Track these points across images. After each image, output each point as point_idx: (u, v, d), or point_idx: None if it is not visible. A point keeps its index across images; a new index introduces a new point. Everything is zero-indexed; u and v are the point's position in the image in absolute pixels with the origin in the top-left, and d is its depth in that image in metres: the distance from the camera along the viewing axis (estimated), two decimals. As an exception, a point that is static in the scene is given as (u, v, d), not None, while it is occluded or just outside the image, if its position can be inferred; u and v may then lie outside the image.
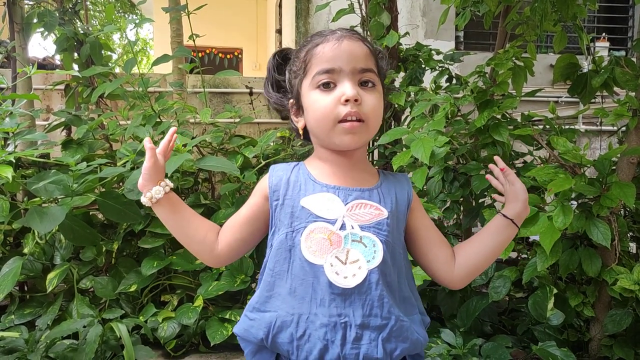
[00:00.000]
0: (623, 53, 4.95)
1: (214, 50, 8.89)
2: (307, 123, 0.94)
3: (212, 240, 0.98)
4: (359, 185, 0.92)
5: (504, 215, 0.95)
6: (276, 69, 1.00)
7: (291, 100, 0.97)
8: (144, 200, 0.95)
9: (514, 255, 2.26)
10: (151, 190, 0.94)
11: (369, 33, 2.59)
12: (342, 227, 0.88)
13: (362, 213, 0.89)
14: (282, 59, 1.00)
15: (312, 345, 0.84)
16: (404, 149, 2.01)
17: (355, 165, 0.94)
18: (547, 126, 2.27)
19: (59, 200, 2.02)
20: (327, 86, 0.88)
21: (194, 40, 2.60)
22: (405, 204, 0.95)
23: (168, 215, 0.97)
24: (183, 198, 2.47)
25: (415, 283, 0.97)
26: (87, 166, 2.02)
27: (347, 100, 0.86)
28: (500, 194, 1.00)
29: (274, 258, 0.90)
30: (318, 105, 0.89)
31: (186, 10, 2.62)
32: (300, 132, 0.97)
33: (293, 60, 0.96)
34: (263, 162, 2.34)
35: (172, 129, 0.97)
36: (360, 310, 0.84)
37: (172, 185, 0.97)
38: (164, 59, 2.56)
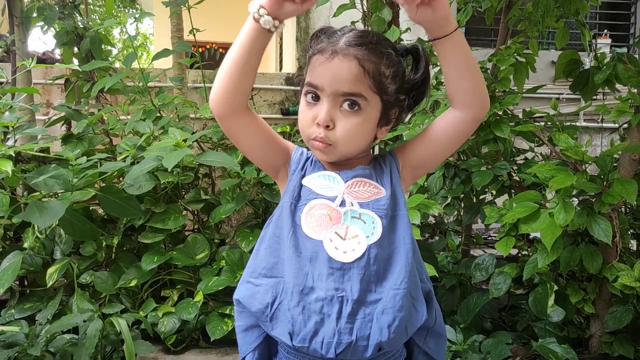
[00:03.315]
0: (625, 50, 4.94)
1: (214, 45, 8.85)
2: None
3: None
4: (359, 164, 0.94)
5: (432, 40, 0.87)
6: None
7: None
8: (252, 9, 0.83)
9: (514, 252, 2.26)
10: (262, 15, 0.82)
11: (369, 29, 2.58)
12: (342, 203, 0.89)
13: (362, 191, 0.91)
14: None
15: (306, 318, 0.85)
16: (405, 145, 2.00)
17: (353, 164, 0.96)
18: (549, 123, 2.27)
19: (59, 194, 2.02)
20: (314, 99, 0.88)
21: (194, 35, 2.59)
22: (396, 171, 0.96)
23: (254, 42, 0.85)
24: (183, 193, 2.46)
25: (420, 254, 0.97)
26: (87, 161, 2.01)
27: (319, 124, 0.87)
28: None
29: (278, 225, 0.91)
30: (301, 116, 0.91)
31: (187, 5, 2.60)
32: None
33: (305, 53, 0.95)
34: (263, 158, 2.33)
35: None
36: (357, 285, 0.84)
37: (278, 27, 0.84)
38: (164, 53, 2.55)
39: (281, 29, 0.85)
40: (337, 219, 0.88)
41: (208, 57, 8.68)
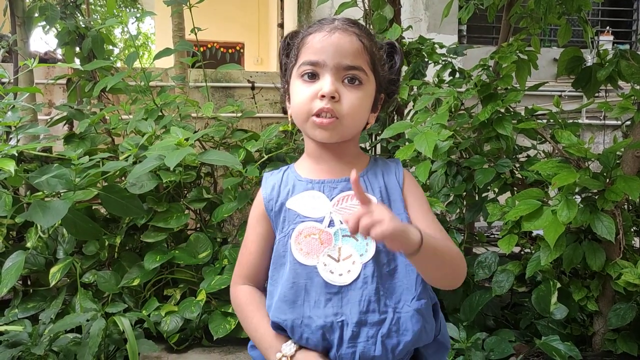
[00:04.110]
0: (628, 46, 4.92)
1: (215, 44, 8.85)
2: (291, 112, 0.92)
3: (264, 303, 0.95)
4: (345, 175, 0.89)
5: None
6: (286, 53, 0.95)
7: (285, 87, 0.95)
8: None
9: (517, 249, 2.25)
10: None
11: (371, 27, 2.58)
12: (331, 224, 0.86)
13: (349, 206, 0.87)
14: (292, 40, 0.95)
15: (312, 349, 0.84)
16: (407, 143, 2.00)
17: (342, 157, 0.92)
18: (551, 120, 2.26)
19: (62, 194, 2.02)
20: (311, 77, 0.86)
21: (195, 34, 2.59)
22: (397, 187, 0.91)
23: None
24: (185, 192, 2.46)
25: None
26: (90, 160, 2.01)
27: (323, 96, 0.83)
28: None
29: (272, 266, 0.90)
30: (298, 95, 0.87)
31: (188, 4, 2.60)
32: (289, 119, 0.95)
33: (290, 45, 0.93)
34: (265, 156, 2.34)
35: None
36: (357, 307, 0.82)
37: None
38: (165, 52, 2.55)
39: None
40: (328, 241, 0.85)
41: (210, 56, 8.71)
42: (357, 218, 0.70)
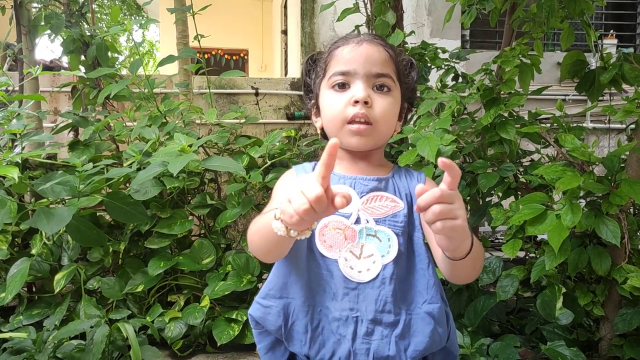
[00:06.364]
0: (632, 50, 4.90)
1: (219, 51, 8.90)
2: (323, 123, 0.95)
3: None
4: (376, 174, 0.92)
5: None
6: (308, 73, 1.00)
7: (312, 101, 0.99)
8: (282, 231, 0.71)
9: (521, 254, 2.24)
10: (301, 234, 0.72)
11: (373, 32, 2.58)
12: (357, 221, 0.88)
13: (378, 206, 0.89)
14: (314, 62, 1.00)
15: (325, 339, 0.85)
16: (410, 148, 2.00)
17: (371, 161, 0.95)
18: (555, 124, 2.25)
19: (66, 201, 2.03)
20: (342, 87, 0.89)
21: (199, 41, 2.61)
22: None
23: (283, 244, 0.79)
24: (189, 198, 2.47)
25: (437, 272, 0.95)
26: (94, 167, 2.02)
27: (356, 102, 0.86)
28: None
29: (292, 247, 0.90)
30: (330, 105, 0.90)
31: (191, 11, 2.62)
32: (319, 131, 0.98)
33: (317, 62, 0.97)
34: (269, 162, 2.34)
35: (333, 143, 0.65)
36: (373, 305, 0.84)
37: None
38: (169, 59, 2.56)
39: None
40: (352, 237, 0.87)
41: (214, 63, 8.76)
42: (435, 199, 0.65)
